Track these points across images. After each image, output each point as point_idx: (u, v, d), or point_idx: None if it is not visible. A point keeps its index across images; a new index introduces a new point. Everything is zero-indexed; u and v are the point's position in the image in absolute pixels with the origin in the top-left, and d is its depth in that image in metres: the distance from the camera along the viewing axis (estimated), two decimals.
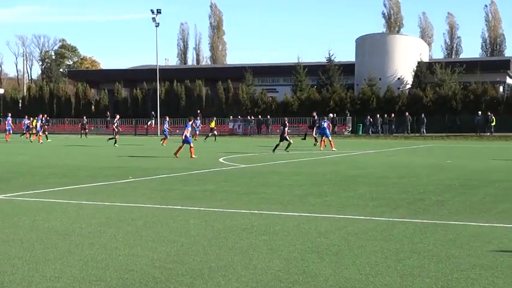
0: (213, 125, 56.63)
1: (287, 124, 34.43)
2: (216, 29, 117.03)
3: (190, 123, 30.98)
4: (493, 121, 58.92)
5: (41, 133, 47.90)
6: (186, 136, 29.20)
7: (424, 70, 72.32)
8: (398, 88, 72.23)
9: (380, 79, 72.60)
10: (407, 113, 62.89)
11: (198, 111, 72.61)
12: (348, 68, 76.12)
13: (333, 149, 35.10)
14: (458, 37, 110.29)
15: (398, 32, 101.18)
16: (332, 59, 77.27)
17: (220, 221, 11.05)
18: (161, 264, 7.75)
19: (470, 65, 70.29)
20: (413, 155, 32.65)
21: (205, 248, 8.72)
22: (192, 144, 29.25)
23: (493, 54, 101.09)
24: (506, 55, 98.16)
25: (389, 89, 70.37)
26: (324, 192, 15.35)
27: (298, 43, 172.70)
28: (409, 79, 73.81)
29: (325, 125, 36.72)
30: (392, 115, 63.76)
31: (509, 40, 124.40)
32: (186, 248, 8.76)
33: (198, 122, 52.77)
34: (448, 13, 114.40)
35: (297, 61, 78.15)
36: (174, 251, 8.53)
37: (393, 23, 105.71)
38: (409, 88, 72.70)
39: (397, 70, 74.75)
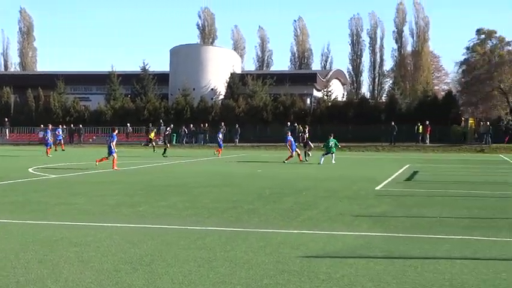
0: (152, 135, 54.60)
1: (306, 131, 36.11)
2: (26, 34, 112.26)
3: (115, 133, 29.88)
4: (301, 132, 61.27)
5: None
6: (111, 147, 28.50)
7: (236, 81, 73.95)
8: (212, 98, 73.34)
9: (194, 89, 73.35)
10: (222, 123, 63.91)
11: (6, 119, 69.59)
12: (162, 78, 76.29)
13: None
14: (269, 50, 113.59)
15: (212, 43, 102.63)
16: (147, 68, 77.09)
17: (29, 233, 10.64)
18: None
19: (280, 78, 72.87)
20: (226, 165, 33.26)
21: (12, 262, 8.37)
22: (115, 155, 28.59)
23: (301, 68, 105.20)
24: (313, 69, 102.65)
25: (203, 99, 71.25)
26: (137, 202, 15.26)
27: (113, 52, 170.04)
28: (222, 90, 75.20)
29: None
30: (207, 125, 64.54)
31: (316, 54, 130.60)
32: None
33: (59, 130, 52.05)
34: (259, 26, 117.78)
35: (110, 70, 77.15)
36: None
37: (207, 34, 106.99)
38: (222, 99, 74.03)
39: (211, 81, 75.98)
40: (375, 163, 35.60)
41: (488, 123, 58.21)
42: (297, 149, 36.18)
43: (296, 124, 61.61)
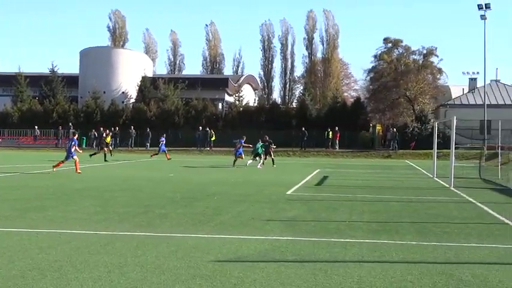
0: (108, 140, 52.12)
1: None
2: None
3: (76, 137, 29.61)
4: (212, 136, 61.31)
5: None
6: (71, 151, 28.20)
7: (148, 85, 73.29)
8: (123, 102, 72.52)
9: (104, 92, 72.37)
10: (132, 127, 63.24)
11: None
12: (72, 80, 74.86)
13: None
14: (181, 54, 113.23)
15: (123, 46, 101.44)
16: (55, 70, 75.51)
17: None
18: None
19: (192, 82, 72.67)
20: (138, 169, 32.96)
21: None
22: (77, 159, 28.38)
23: (213, 72, 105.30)
24: (225, 73, 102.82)
25: (113, 103, 70.34)
26: (46, 207, 14.94)
27: (20, 52, 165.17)
28: (133, 93, 74.44)
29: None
30: (117, 128, 63.62)
31: (228, 59, 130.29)
32: None
33: None
34: (171, 30, 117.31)
35: (17, 71, 75.24)
36: None
37: (118, 37, 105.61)
38: (133, 102, 73.27)
39: (122, 84, 75.10)
40: (286, 168, 36.02)
41: (395, 129, 59.77)
42: (241, 154, 36.95)
43: (208, 129, 61.61)
